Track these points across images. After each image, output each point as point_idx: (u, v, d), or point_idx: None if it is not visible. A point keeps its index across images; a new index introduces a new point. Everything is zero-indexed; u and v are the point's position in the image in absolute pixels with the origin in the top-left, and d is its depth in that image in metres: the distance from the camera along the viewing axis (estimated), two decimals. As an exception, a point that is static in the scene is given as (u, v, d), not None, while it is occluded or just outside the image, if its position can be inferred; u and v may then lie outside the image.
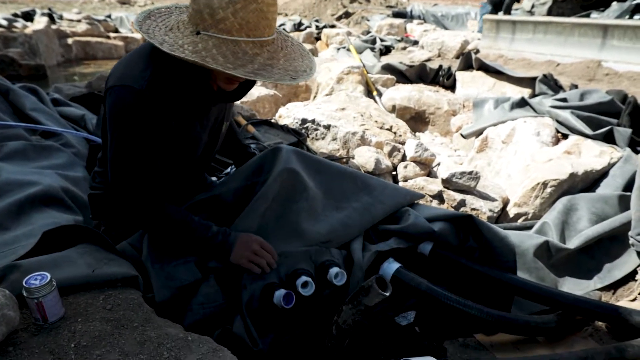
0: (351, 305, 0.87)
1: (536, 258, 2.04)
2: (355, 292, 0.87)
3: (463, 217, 1.97)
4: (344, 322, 0.91)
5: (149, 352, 1.14)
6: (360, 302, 0.86)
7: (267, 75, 1.24)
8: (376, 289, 0.82)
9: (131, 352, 1.13)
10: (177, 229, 1.52)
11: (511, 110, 3.63)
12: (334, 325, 0.93)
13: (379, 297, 0.84)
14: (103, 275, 1.39)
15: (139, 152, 1.42)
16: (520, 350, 1.79)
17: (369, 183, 1.96)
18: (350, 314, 0.89)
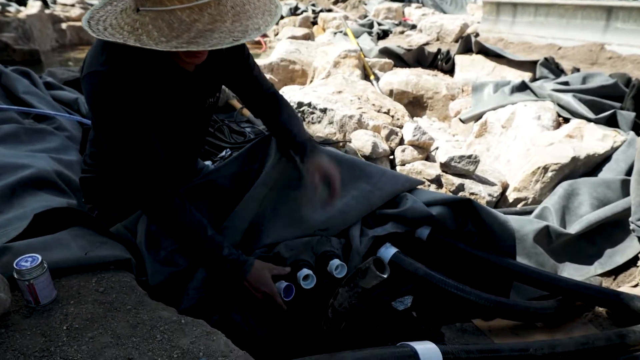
0: (348, 287, 0.85)
1: (536, 243, 2.03)
2: (351, 275, 0.84)
3: (462, 201, 1.95)
4: (340, 305, 0.88)
5: (142, 335, 1.12)
6: (357, 285, 0.84)
7: (202, 42, 1.12)
8: (373, 271, 0.80)
9: (123, 335, 1.11)
10: (188, 236, 1.48)
11: (511, 94, 3.59)
12: (330, 308, 0.91)
13: (376, 279, 0.81)
14: (95, 258, 1.37)
15: (127, 137, 1.37)
16: (518, 335, 1.78)
17: (367, 170, 1.94)
18: (347, 297, 0.86)
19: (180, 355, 1.06)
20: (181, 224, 1.46)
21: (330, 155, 1.92)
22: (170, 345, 1.09)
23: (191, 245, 1.49)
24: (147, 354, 1.06)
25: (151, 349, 1.07)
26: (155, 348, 1.08)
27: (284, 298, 1.47)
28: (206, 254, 1.48)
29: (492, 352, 1.37)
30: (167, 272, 1.48)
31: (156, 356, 1.05)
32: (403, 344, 1.20)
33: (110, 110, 1.33)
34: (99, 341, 1.09)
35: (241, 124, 2.83)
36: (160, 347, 1.08)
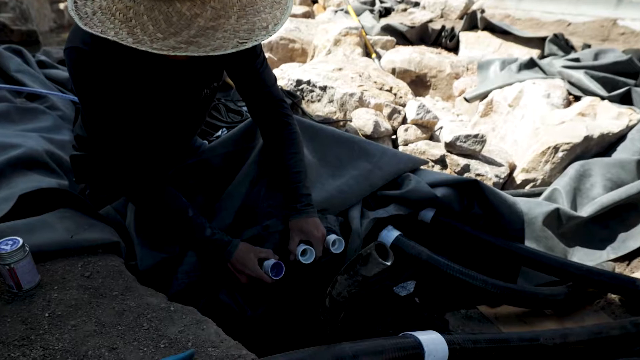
0: (347, 275, 0.77)
1: (545, 227, 1.95)
2: (351, 261, 0.76)
3: (468, 182, 1.87)
4: (339, 295, 0.81)
5: (128, 323, 1.05)
6: (358, 273, 0.76)
7: (203, 43, 0.97)
8: (376, 258, 0.72)
9: (108, 323, 1.05)
10: (170, 218, 1.41)
11: (519, 72, 3.47)
12: (328, 297, 0.83)
13: (378, 267, 0.73)
14: (82, 241, 1.30)
15: (106, 115, 1.28)
16: (526, 323, 1.71)
17: (367, 149, 1.86)
18: (346, 286, 0.79)
19: (167, 345, 0.99)
20: (160, 206, 1.39)
21: (328, 133, 1.84)
22: (157, 334, 1.02)
23: (173, 228, 1.42)
24: (133, 344, 0.99)
25: (137, 339, 1.01)
26: (141, 337, 1.01)
27: (274, 277, 1.39)
28: (188, 236, 1.41)
29: (501, 342, 1.30)
30: (157, 256, 1.41)
31: (142, 346, 0.99)
32: (406, 334, 1.13)
33: (89, 90, 1.24)
34: (82, 329, 1.02)
35: (238, 102, 2.74)
36: (146, 337, 1.02)
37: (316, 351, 0.92)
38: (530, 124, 2.75)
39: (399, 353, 1.05)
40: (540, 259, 1.77)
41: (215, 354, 0.97)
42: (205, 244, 1.40)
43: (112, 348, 0.97)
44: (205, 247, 1.41)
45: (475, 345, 1.23)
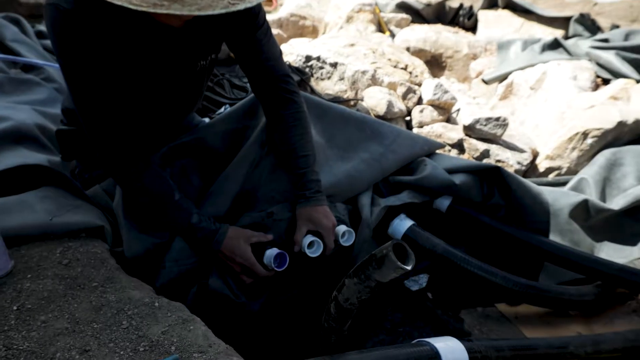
0: (357, 279, 0.63)
1: (571, 219, 1.79)
2: (363, 262, 0.62)
3: (489, 168, 1.72)
4: (347, 301, 0.67)
5: (105, 321, 0.92)
6: (370, 277, 0.62)
7: (189, 1, 0.83)
8: (393, 261, 0.57)
9: (83, 320, 0.92)
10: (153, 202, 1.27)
11: (542, 53, 3.28)
12: (333, 302, 0.70)
13: (396, 272, 0.59)
14: (62, 224, 1.18)
15: (88, 83, 1.14)
16: (549, 324, 1.57)
17: (380, 130, 1.71)
18: (355, 291, 0.65)
19: (147, 349, 0.86)
20: (143, 187, 1.25)
21: (338, 112, 1.69)
22: (137, 334, 0.90)
23: (156, 212, 1.29)
24: (108, 345, 0.86)
25: (113, 339, 0.88)
26: (118, 338, 0.89)
27: (276, 268, 1.27)
28: (173, 221, 1.27)
29: (526, 349, 1.16)
30: (146, 242, 1.28)
31: (118, 348, 0.86)
32: (420, 342, 1.00)
33: (70, 54, 1.10)
34: (53, 327, 0.90)
35: (243, 78, 2.58)
36: (124, 337, 0.89)
37: (318, 363, 0.79)
38: (554, 108, 2.57)
39: (414, 364, 0.92)
40: (566, 255, 1.62)
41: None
42: (191, 232, 1.26)
43: (84, 350, 0.84)
44: (192, 235, 1.27)
45: (499, 354, 1.10)
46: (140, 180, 1.24)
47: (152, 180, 1.25)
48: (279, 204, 1.41)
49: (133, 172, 1.24)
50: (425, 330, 1.51)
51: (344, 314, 0.73)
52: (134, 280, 1.10)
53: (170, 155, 1.41)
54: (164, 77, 1.27)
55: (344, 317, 0.74)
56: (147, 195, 1.26)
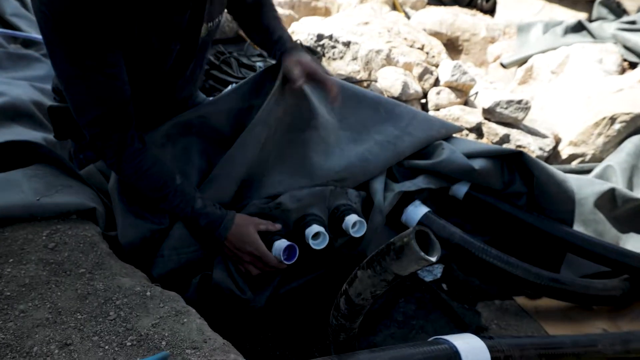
0: (371, 271, 0.53)
1: (596, 209, 1.69)
2: (379, 252, 0.52)
3: (511, 153, 1.61)
4: (359, 295, 0.58)
5: (90, 311, 0.84)
6: (387, 269, 0.52)
7: None
8: (415, 251, 0.47)
9: (65, 310, 0.83)
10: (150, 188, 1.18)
11: (564, 36, 3.15)
12: (343, 297, 0.60)
13: (419, 264, 0.49)
14: (50, 205, 1.09)
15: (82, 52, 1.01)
16: (572, 320, 1.48)
17: (395, 111, 1.61)
18: (369, 285, 0.55)
19: (135, 343, 0.78)
20: (140, 170, 1.15)
21: (350, 91, 1.58)
22: (124, 327, 0.81)
23: (155, 198, 1.18)
24: (92, 339, 0.78)
25: (98, 332, 0.79)
26: (104, 330, 0.80)
27: (285, 261, 1.19)
28: (174, 207, 1.18)
29: (552, 348, 1.07)
30: (142, 228, 1.19)
31: (103, 342, 0.77)
32: (438, 339, 0.91)
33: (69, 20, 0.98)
34: (32, 317, 0.81)
35: (252, 57, 2.47)
36: (110, 330, 0.80)
37: (324, 364, 0.70)
38: (579, 92, 2.44)
39: (431, 365, 0.82)
40: (592, 247, 1.52)
41: (195, 358, 0.75)
42: (194, 219, 1.17)
43: (65, 344, 0.76)
44: (194, 222, 1.18)
45: (523, 353, 1.00)
46: (137, 163, 1.14)
47: (150, 163, 1.15)
48: (287, 193, 1.32)
49: (128, 154, 1.13)
50: (439, 324, 1.42)
51: (355, 310, 0.64)
52: (127, 266, 1.01)
53: (172, 134, 1.32)
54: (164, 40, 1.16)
55: (354, 313, 0.65)
56: (145, 179, 1.16)
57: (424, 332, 1.39)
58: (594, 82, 2.42)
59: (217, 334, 0.84)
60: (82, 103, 1.08)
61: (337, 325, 0.69)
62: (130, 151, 1.13)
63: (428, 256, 0.51)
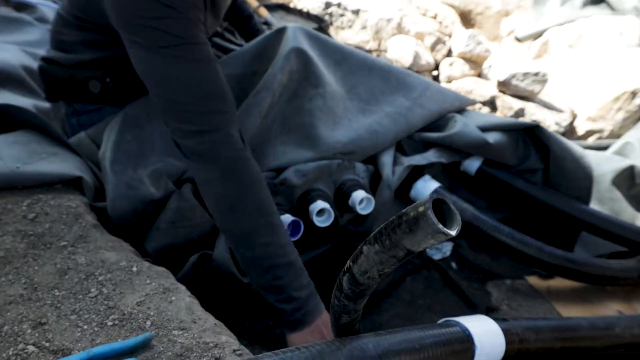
0: (379, 246, 0.45)
1: (614, 187, 1.61)
2: (388, 224, 0.44)
3: (527, 127, 1.52)
4: (364, 274, 0.50)
5: (69, 287, 0.77)
6: (398, 244, 0.44)
7: None
8: (432, 223, 0.39)
9: (42, 286, 0.76)
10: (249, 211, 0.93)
11: (583, 8, 3.01)
12: (347, 275, 0.53)
13: (435, 238, 0.41)
14: (31, 174, 1.02)
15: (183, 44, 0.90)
16: (585, 300, 1.41)
17: (406, 81, 1.52)
18: (376, 262, 0.48)
19: (117, 323, 0.71)
20: (242, 185, 0.92)
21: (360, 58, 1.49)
22: (106, 305, 0.74)
23: (244, 227, 0.92)
24: (69, 318, 0.71)
25: (76, 310, 0.72)
26: (83, 308, 0.73)
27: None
28: (265, 252, 0.91)
29: (568, 330, 1.00)
30: (134, 198, 1.11)
31: (81, 322, 0.70)
32: (449, 321, 0.84)
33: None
34: (5, 293, 0.75)
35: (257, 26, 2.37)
36: (90, 308, 0.73)
37: (326, 349, 0.63)
38: (598, 66, 2.32)
39: (442, 349, 0.76)
40: (608, 226, 1.46)
41: (182, 339, 0.68)
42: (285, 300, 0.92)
43: (39, 323, 0.69)
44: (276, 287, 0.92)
45: (538, 336, 0.94)
46: (241, 174, 0.92)
47: (254, 178, 0.94)
48: (291, 168, 1.25)
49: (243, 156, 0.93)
50: (448, 304, 1.36)
51: (360, 290, 0.56)
52: (114, 239, 0.94)
53: None
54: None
55: (359, 294, 0.58)
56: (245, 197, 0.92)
57: (431, 312, 1.34)
58: (613, 55, 2.30)
59: (209, 313, 0.77)
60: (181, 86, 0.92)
61: (339, 307, 0.62)
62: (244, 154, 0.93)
63: (447, 229, 0.43)
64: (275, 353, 0.60)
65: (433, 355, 0.74)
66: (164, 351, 0.65)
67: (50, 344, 0.65)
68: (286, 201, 1.25)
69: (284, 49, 1.33)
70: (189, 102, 0.90)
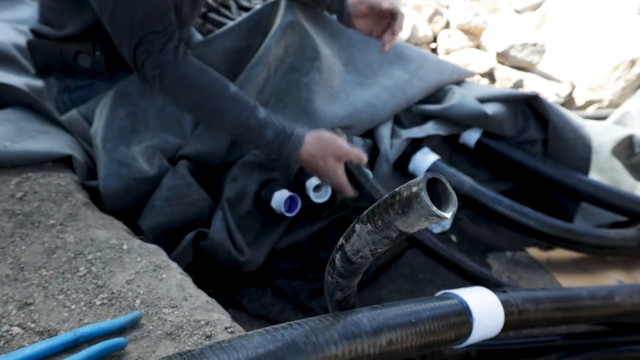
0: (372, 226, 0.43)
1: (613, 156, 1.59)
2: (381, 203, 0.42)
3: (526, 97, 1.49)
4: (356, 253, 0.48)
5: (57, 267, 0.75)
6: (390, 224, 0.41)
7: None
8: (425, 204, 0.37)
9: (30, 265, 0.75)
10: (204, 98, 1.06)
11: (583, -23, 2.94)
12: (339, 252, 0.51)
13: (429, 220, 0.39)
14: (20, 153, 0.99)
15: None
16: (586, 271, 1.41)
17: (404, 54, 1.50)
18: (369, 242, 0.45)
19: (106, 302, 0.69)
20: (187, 79, 1.04)
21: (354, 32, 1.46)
22: (95, 284, 0.72)
23: (209, 113, 1.06)
24: (57, 297, 0.69)
25: (64, 290, 0.71)
26: (71, 288, 0.71)
27: (287, 213, 1.13)
28: (234, 120, 1.05)
29: (568, 300, 0.99)
30: (127, 175, 1.09)
31: (69, 301, 0.69)
32: (447, 294, 0.82)
33: None
34: (-8, 273, 0.73)
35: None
36: (79, 287, 0.72)
37: (319, 325, 0.61)
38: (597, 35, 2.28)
39: (439, 322, 0.74)
40: (608, 196, 1.44)
41: (172, 318, 0.67)
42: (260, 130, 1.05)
43: (25, 303, 0.68)
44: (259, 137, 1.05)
45: (538, 307, 0.93)
46: (183, 72, 1.03)
47: (197, 71, 1.04)
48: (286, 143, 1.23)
49: (171, 62, 1.02)
50: (448, 277, 1.35)
51: (353, 268, 0.55)
52: (105, 217, 0.92)
53: None
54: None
55: (352, 272, 0.56)
56: (193, 90, 1.04)
57: (432, 286, 1.33)
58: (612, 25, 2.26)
59: (202, 290, 0.76)
60: (124, 8, 1.00)
61: (332, 284, 0.61)
62: (173, 59, 1.02)
63: (441, 211, 0.41)
64: (266, 330, 0.59)
65: (430, 328, 0.73)
66: (154, 330, 0.64)
67: (36, 324, 0.63)
68: (284, 176, 1.23)
69: (279, 21, 1.30)
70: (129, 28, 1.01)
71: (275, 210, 1.14)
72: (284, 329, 0.58)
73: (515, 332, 1.19)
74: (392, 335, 0.67)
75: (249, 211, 1.18)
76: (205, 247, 1.10)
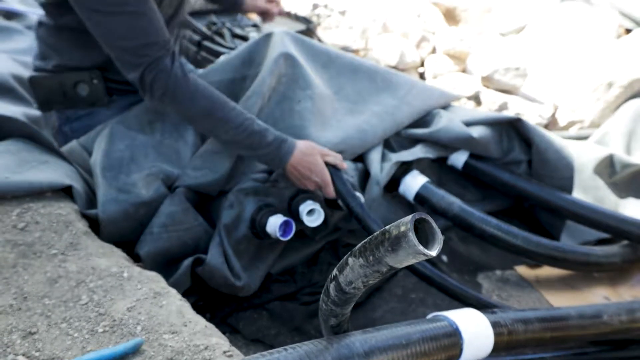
0: (364, 260, 0.46)
1: (596, 175, 1.64)
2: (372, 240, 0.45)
3: (509, 120, 1.55)
4: (350, 284, 0.51)
5: (60, 295, 0.77)
6: (381, 260, 0.45)
7: None
8: (413, 243, 0.40)
9: (33, 295, 0.77)
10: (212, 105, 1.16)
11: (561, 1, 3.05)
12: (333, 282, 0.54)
13: (416, 257, 0.43)
14: (21, 183, 1.02)
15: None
16: (573, 288, 1.44)
17: (392, 81, 1.54)
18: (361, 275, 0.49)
19: (108, 329, 0.72)
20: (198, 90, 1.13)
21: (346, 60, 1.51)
22: (97, 312, 0.75)
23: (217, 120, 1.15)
24: (60, 326, 0.72)
25: (68, 318, 0.73)
26: (74, 316, 0.74)
27: (281, 237, 1.15)
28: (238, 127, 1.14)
29: (557, 320, 1.02)
30: (125, 202, 1.12)
31: (72, 329, 0.71)
32: (436, 316, 0.85)
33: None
34: (-3, 303, 0.75)
35: (246, 27, 2.37)
36: (81, 315, 0.74)
37: (313, 349, 0.64)
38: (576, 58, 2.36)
39: (430, 344, 0.77)
40: (591, 214, 1.47)
41: (173, 343, 0.69)
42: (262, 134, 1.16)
43: (29, 332, 0.70)
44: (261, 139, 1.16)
45: (527, 327, 0.96)
46: (193, 84, 1.12)
47: (204, 85, 1.15)
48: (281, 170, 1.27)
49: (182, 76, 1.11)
50: (440, 297, 1.38)
51: (346, 298, 0.58)
52: (105, 246, 0.95)
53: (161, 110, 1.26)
54: None
55: (345, 301, 0.59)
56: (204, 99, 1.13)
57: (424, 306, 1.35)
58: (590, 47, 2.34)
59: (200, 316, 0.78)
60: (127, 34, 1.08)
61: (327, 310, 0.64)
62: (182, 74, 1.11)
63: (427, 250, 0.45)
64: (262, 355, 0.61)
65: (420, 350, 0.76)
66: (155, 355, 0.67)
67: (40, 353, 0.66)
68: (278, 202, 1.26)
69: (272, 54, 1.35)
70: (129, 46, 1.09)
71: (270, 234, 1.16)
72: (280, 353, 0.61)
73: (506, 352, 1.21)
74: (384, 357, 0.70)
75: (244, 236, 1.20)
76: (202, 274, 1.13)
